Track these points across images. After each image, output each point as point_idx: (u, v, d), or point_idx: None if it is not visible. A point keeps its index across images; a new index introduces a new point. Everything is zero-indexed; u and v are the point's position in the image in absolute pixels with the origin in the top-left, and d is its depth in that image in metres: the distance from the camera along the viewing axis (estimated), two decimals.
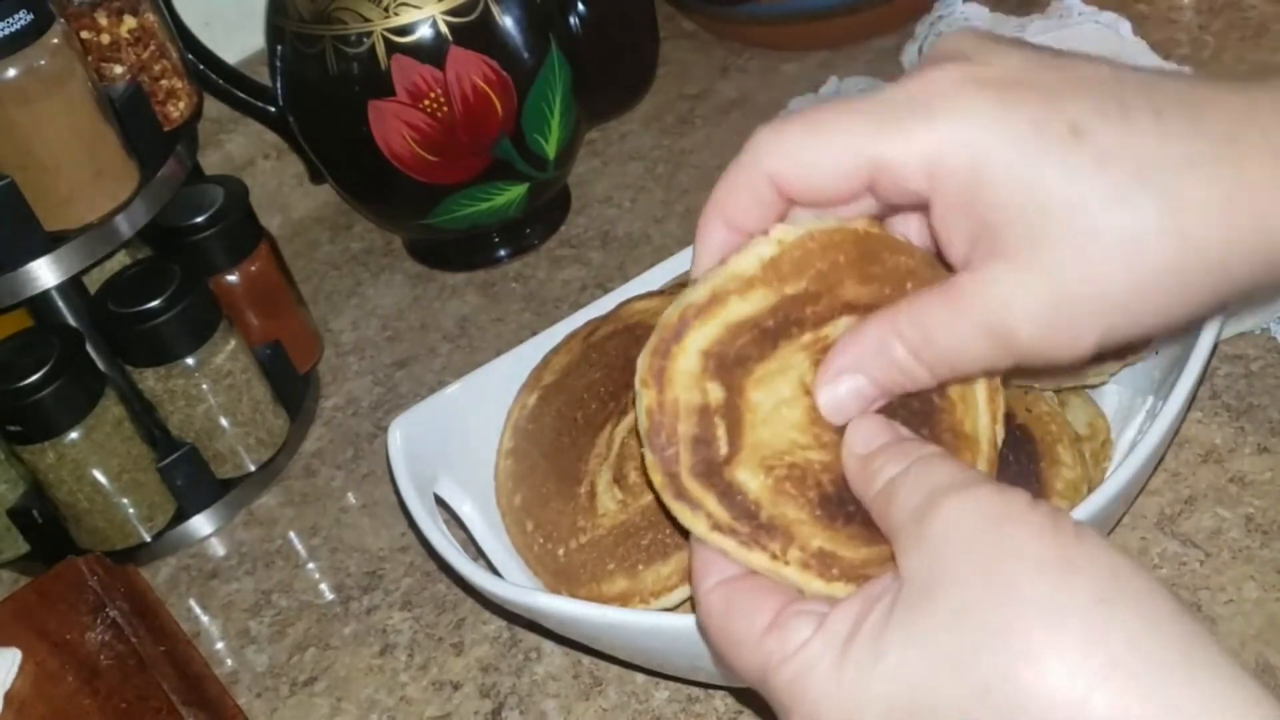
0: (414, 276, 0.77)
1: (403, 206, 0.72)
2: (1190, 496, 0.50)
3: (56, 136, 0.55)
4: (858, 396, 0.34)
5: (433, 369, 0.69)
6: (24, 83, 0.53)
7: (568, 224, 0.77)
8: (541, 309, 0.71)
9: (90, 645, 0.49)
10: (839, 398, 0.34)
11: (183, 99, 0.66)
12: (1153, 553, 0.49)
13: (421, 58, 0.64)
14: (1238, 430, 0.52)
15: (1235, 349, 0.56)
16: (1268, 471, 0.50)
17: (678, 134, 0.81)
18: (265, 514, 0.64)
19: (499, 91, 0.66)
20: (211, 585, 0.60)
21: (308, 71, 0.67)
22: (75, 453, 0.57)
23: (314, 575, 0.59)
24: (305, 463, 0.66)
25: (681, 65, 0.87)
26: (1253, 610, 0.46)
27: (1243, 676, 0.26)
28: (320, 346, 0.71)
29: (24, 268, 0.55)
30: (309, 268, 0.80)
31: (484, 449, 0.52)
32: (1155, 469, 0.49)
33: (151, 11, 0.64)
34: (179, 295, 0.59)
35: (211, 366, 0.61)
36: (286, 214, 0.84)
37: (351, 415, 0.68)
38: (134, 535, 0.61)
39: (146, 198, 0.59)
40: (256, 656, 0.56)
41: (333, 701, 0.53)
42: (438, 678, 0.53)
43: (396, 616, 0.56)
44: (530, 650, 0.53)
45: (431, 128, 0.66)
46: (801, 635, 0.31)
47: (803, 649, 0.30)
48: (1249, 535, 0.48)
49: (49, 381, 0.55)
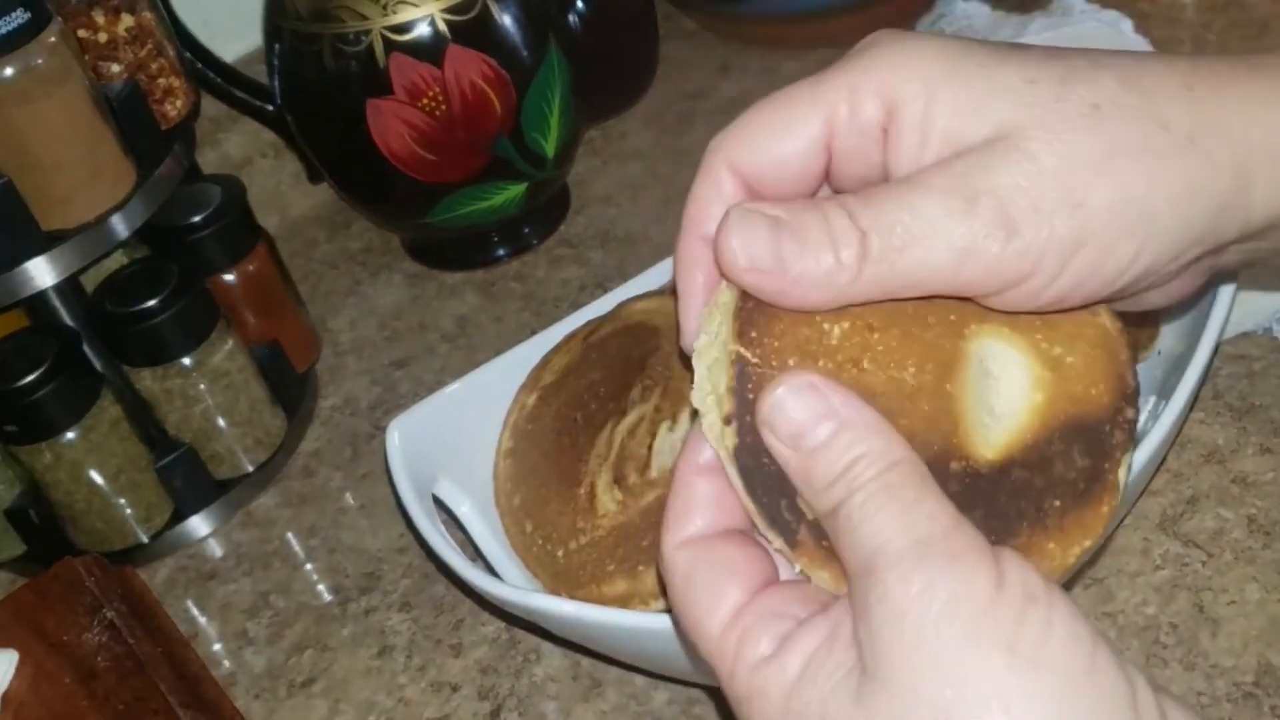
0: (412, 276, 0.77)
1: (401, 206, 0.71)
2: (1192, 497, 0.50)
3: (53, 135, 0.55)
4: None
5: (431, 369, 0.69)
6: (21, 81, 0.53)
7: (567, 223, 0.77)
8: (541, 309, 0.71)
9: (87, 646, 0.49)
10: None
11: (180, 98, 0.65)
12: (1155, 553, 0.48)
13: (420, 56, 0.64)
14: (1240, 431, 0.52)
15: (1237, 349, 0.55)
16: (1270, 472, 0.50)
17: (678, 133, 0.81)
18: (263, 514, 0.63)
19: (498, 90, 0.66)
20: (209, 586, 0.60)
21: (306, 70, 0.67)
22: (72, 453, 0.57)
23: (312, 576, 0.59)
24: (303, 463, 0.66)
25: (682, 64, 0.87)
26: (1255, 611, 0.46)
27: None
28: (318, 346, 0.71)
29: (20, 267, 0.55)
30: (307, 267, 0.80)
31: (483, 449, 0.52)
32: (1157, 469, 0.49)
33: (149, 10, 0.64)
34: (176, 295, 0.58)
35: (209, 366, 0.60)
36: (284, 213, 0.84)
37: (350, 415, 0.68)
38: (131, 536, 0.61)
39: (144, 197, 0.58)
40: (254, 658, 0.56)
41: (331, 703, 0.53)
42: (436, 679, 0.53)
43: (395, 618, 0.56)
44: (529, 652, 0.52)
45: (430, 126, 0.66)
46: (760, 650, 0.29)
47: (759, 669, 0.29)
48: (1251, 536, 0.48)
49: (46, 381, 0.55)
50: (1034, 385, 0.32)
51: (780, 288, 0.30)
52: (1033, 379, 0.32)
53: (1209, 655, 0.45)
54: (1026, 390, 0.32)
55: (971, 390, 0.31)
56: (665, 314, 0.50)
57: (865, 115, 0.32)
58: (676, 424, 0.46)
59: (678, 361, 0.48)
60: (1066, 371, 0.32)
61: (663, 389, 0.47)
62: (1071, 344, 0.32)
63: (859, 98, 0.32)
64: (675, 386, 0.47)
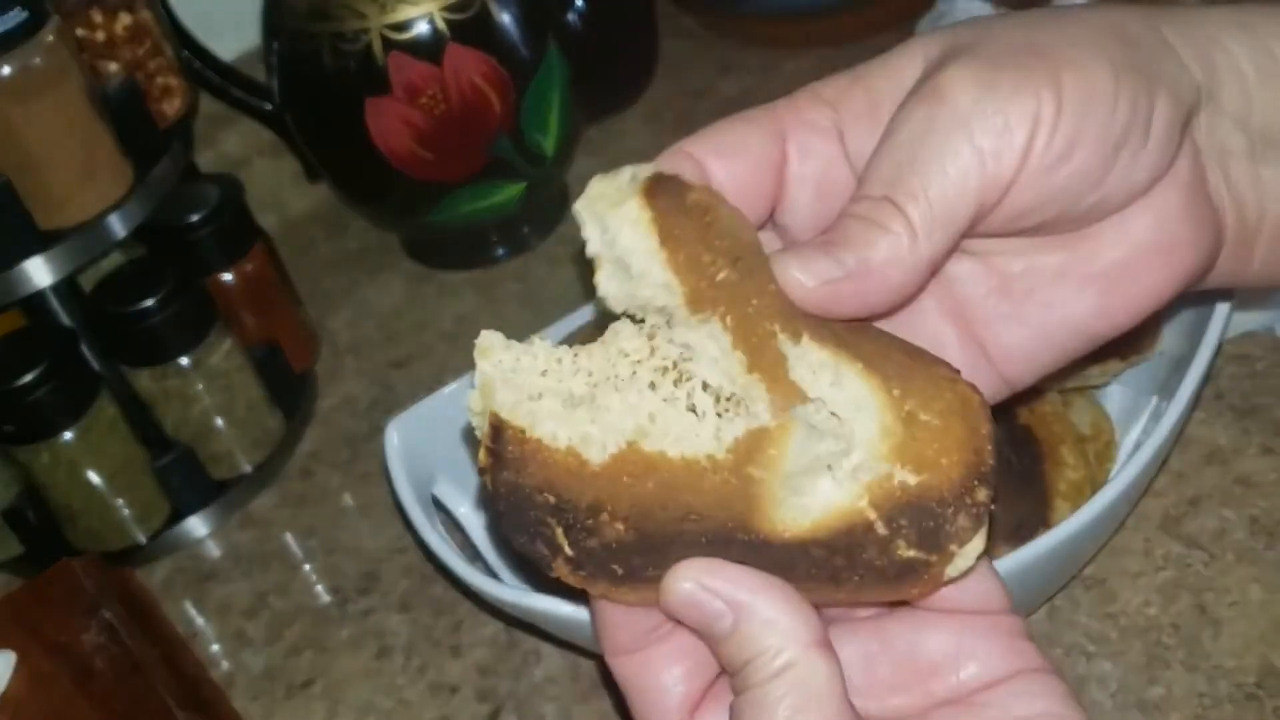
0: (411, 276, 0.77)
1: (400, 205, 0.71)
2: (1195, 497, 0.50)
3: (51, 134, 0.55)
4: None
5: (430, 369, 0.69)
6: (18, 80, 0.53)
7: (566, 223, 0.76)
8: (540, 308, 0.70)
9: (85, 648, 0.49)
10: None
11: (178, 96, 0.65)
12: (1157, 554, 0.48)
13: (419, 55, 0.64)
14: (1242, 431, 0.52)
15: (1240, 349, 0.55)
16: (1272, 473, 0.50)
17: (678, 132, 0.79)
18: (261, 515, 0.63)
19: (497, 89, 0.66)
20: (207, 587, 0.60)
21: (304, 69, 0.67)
22: (70, 453, 0.57)
23: (310, 577, 0.59)
24: (301, 463, 0.65)
25: (681, 63, 0.86)
26: (1257, 612, 0.45)
27: None
28: (317, 346, 0.71)
29: (18, 267, 0.54)
30: (305, 267, 0.79)
31: None
32: (1159, 470, 0.49)
33: (147, 8, 0.64)
34: (174, 295, 0.58)
35: (207, 366, 0.60)
36: (283, 213, 0.84)
37: (348, 416, 0.68)
38: (129, 536, 0.61)
39: (141, 196, 0.58)
40: (253, 659, 0.56)
41: (329, 704, 0.53)
42: (435, 680, 0.52)
43: (394, 619, 0.56)
44: (529, 653, 0.52)
45: (429, 125, 0.65)
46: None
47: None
48: (1253, 537, 0.48)
49: (43, 382, 0.55)
50: (881, 434, 0.29)
51: (859, 287, 0.30)
52: (881, 428, 0.29)
53: (1211, 656, 0.44)
54: (873, 441, 0.29)
55: (791, 455, 0.28)
56: None
57: (816, 117, 0.34)
58: None
59: None
60: (919, 431, 0.29)
61: None
62: (928, 403, 0.29)
63: (809, 113, 0.34)
64: None
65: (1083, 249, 0.33)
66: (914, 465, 0.29)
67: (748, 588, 0.29)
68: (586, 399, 0.29)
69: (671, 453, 0.29)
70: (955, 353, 0.34)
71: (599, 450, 0.29)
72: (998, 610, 0.31)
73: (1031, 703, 0.30)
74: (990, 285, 0.34)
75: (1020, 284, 0.34)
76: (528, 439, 0.29)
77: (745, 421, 0.28)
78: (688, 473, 0.29)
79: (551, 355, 0.30)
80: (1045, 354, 0.34)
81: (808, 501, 0.29)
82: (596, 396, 0.29)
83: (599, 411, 0.29)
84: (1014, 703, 0.30)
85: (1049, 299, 0.34)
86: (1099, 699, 0.44)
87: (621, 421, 0.29)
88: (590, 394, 0.29)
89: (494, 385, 0.30)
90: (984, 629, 0.31)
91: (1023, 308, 0.34)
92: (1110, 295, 0.33)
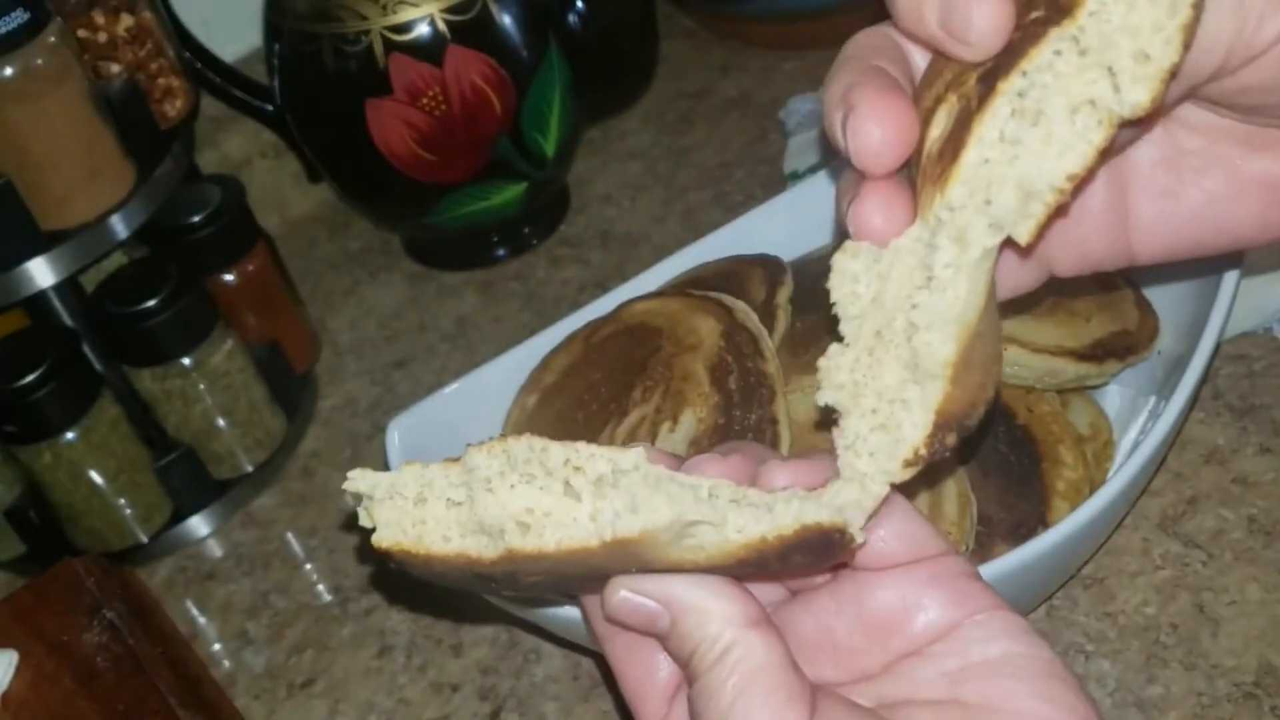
0: (412, 276, 0.77)
1: (401, 205, 0.71)
2: (1193, 497, 0.50)
3: (53, 135, 0.55)
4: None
5: (431, 369, 0.69)
6: (21, 81, 0.53)
7: (567, 223, 0.77)
8: (540, 309, 0.70)
9: (87, 647, 0.49)
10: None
11: (180, 97, 0.65)
12: (1155, 554, 0.48)
13: (420, 56, 0.64)
14: (1240, 431, 0.52)
15: (1237, 349, 0.55)
16: (1270, 472, 0.50)
17: (677, 132, 0.80)
18: (263, 515, 0.63)
19: (498, 90, 0.66)
20: (209, 586, 0.60)
21: (306, 70, 0.67)
22: (72, 453, 0.57)
23: (312, 576, 0.59)
24: (303, 463, 0.66)
25: (681, 63, 0.86)
26: (1256, 611, 0.46)
27: None
28: (318, 346, 0.71)
29: (20, 267, 0.55)
30: (307, 267, 0.79)
31: None
32: (1157, 470, 0.49)
33: (149, 10, 0.64)
34: (176, 295, 0.58)
35: (208, 367, 0.60)
36: (284, 213, 0.84)
37: (349, 416, 0.68)
38: (131, 536, 0.61)
39: (143, 197, 0.58)
40: (254, 658, 0.56)
41: (331, 703, 0.53)
42: (436, 679, 0.53)
43: (395, 618, 0.56)
44: (529, 652, 0.52)
45: (430, 126, 0.65)
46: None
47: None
48: (1252, 536, 0.48)
49: (45, 382, 0.55)
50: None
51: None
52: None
53: (1209, 655, 0.45)
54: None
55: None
56: (666, 315, 0.50)
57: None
58: (677, 425, 0.46)
59: (678, 363, 0.48)
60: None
61: (663, 390, 0.47)
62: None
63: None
64: (676, 387, 0.47)
65: (1266, 154, 0.32)
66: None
67: (678, 584, 0.30)
68: (466, 501, 0.31)
69: (549, 548, 0.30)
70: (1097, 216, 0.33)
71: (489, 551, 0.30)
72: (934, 554, 0.31)
73: (990, 645, 0.30)
74: (1162, 154, 0.33)
75: (1190, 162, 0.33)
76: (416, 554, 0.32)
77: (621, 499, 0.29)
78: (573, 555, 0.30)
79: (422, 475, 0.32)
80: (1184, 240, 0.34)
81: (698, 543, 0.30)
82: (474, 498, 0.31)
83: (477, 510, 0.30)
84: (972, 648, 0.30)
85: (1213, 189, 0.33)
86: (1097, 698, 0.44)
87: (499, 520, 0.30)
88: (468, 497, 0.31)
89: (374, 511, 0.33)
90: (927, 577, 0.31)
91: (1185, 187, 0.33)
92: (1273, 210, 0.32)
